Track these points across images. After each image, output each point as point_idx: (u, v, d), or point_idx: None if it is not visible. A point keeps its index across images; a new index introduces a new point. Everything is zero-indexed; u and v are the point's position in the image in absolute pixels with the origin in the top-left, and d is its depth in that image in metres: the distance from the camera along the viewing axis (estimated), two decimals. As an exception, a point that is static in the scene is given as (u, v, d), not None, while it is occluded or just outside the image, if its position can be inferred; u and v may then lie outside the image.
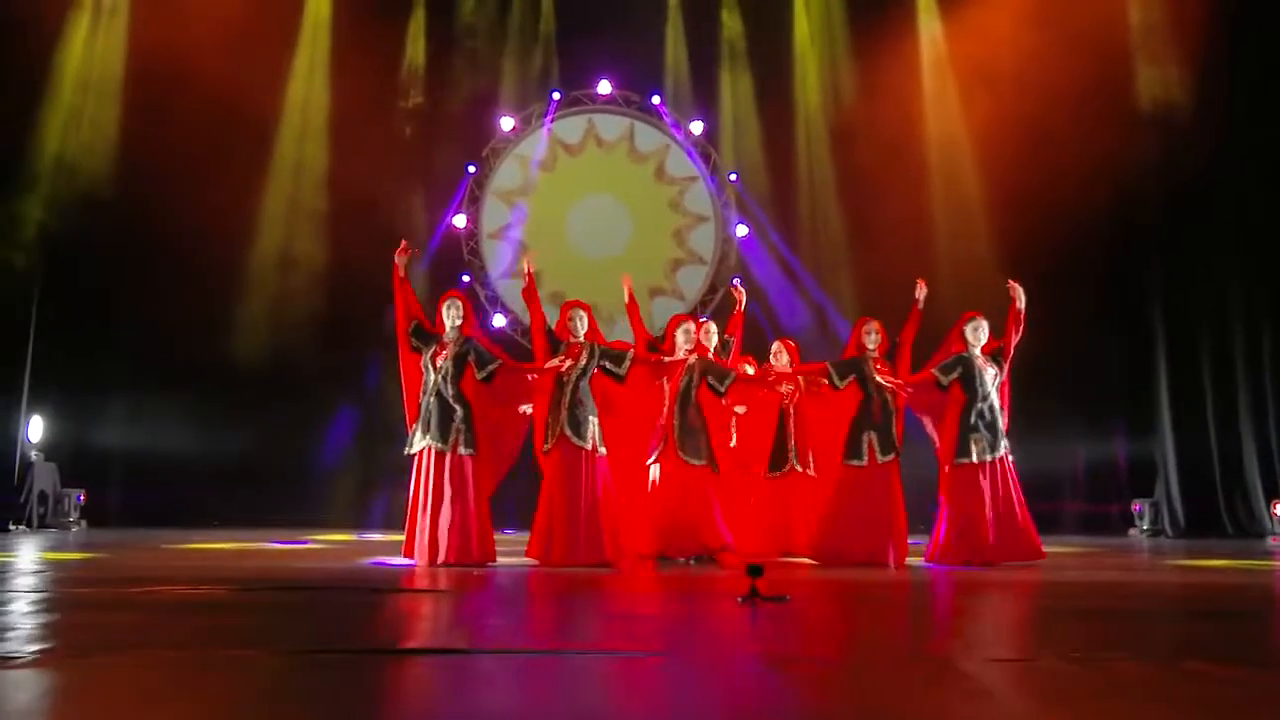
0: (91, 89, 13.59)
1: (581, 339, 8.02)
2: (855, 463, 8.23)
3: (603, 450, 7.86)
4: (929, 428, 8.34)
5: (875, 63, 15.62)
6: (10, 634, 3.54)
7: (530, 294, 8.31)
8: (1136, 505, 13.64)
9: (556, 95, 16.22)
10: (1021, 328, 8.19)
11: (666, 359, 8.38)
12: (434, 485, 7.48)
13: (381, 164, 15.11)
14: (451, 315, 7.76)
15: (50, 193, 13.05)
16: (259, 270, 14.58)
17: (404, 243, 7.99)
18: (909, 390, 8.23)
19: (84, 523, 13.04)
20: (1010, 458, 8.10)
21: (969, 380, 8.15)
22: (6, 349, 12.73)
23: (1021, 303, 8.16)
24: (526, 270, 8.31)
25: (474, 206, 16.22)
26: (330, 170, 14.97)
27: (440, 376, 7.59)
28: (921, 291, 8.53)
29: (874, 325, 8.58)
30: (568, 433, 7.74)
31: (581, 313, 8.10)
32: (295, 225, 14.70)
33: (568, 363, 7.83)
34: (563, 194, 16.42)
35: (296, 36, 15.40)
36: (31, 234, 12.90)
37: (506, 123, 16.18)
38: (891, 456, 8.19)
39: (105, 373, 13.96)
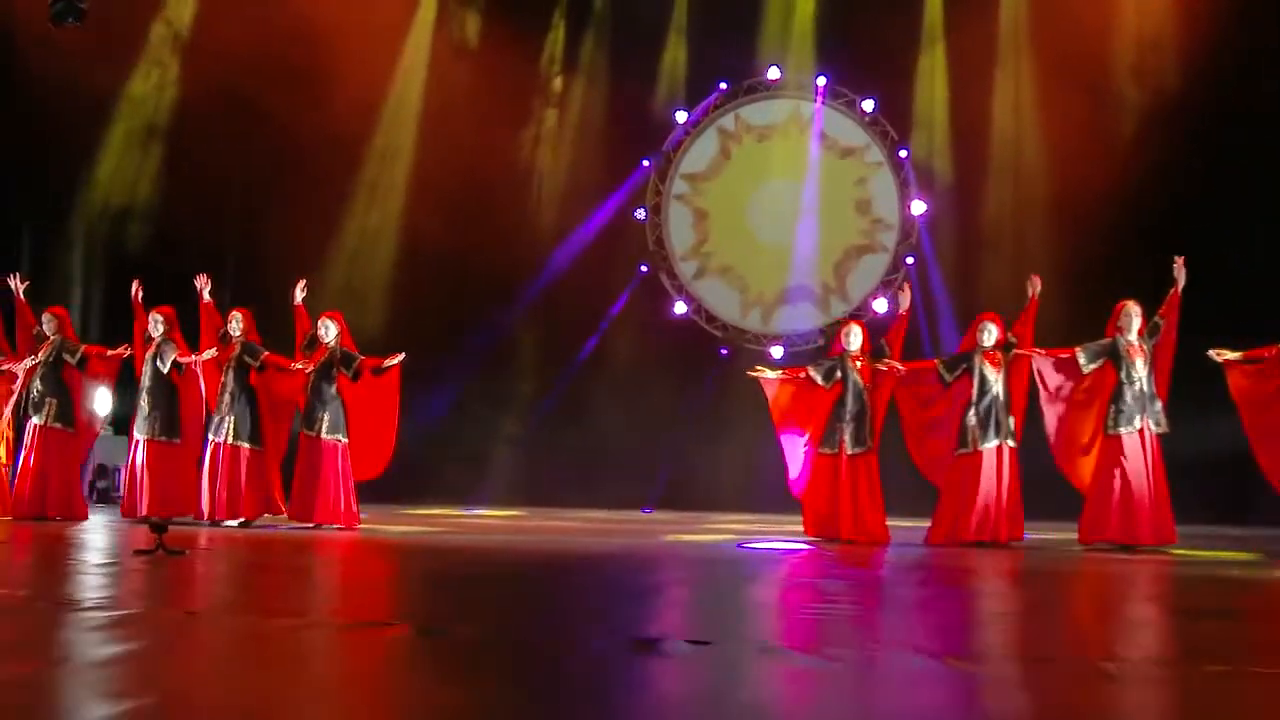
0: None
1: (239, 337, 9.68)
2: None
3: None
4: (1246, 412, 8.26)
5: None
6: None
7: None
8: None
9: (723, 85, 16.48)
10: None
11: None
12: None
13: (536, 158, 15.89)
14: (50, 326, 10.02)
15: None
16: (399, 260, 15.56)
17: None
18: (1248, 369, 8.20)
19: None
20: None
21: None
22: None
23: None
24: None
25: (657, 198, 16.70)
26: (477, 162, 14.96)
27: None
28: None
29: (990, 321, 8.78)
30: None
31: (239, 314, 9.71)
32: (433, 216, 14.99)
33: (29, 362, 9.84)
34: (744, 180, 16.63)
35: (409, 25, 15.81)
36: None
37: (681, 116, 16.57)
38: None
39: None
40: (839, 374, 9.03)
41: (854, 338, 9.13)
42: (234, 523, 9.48)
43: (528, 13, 16.22)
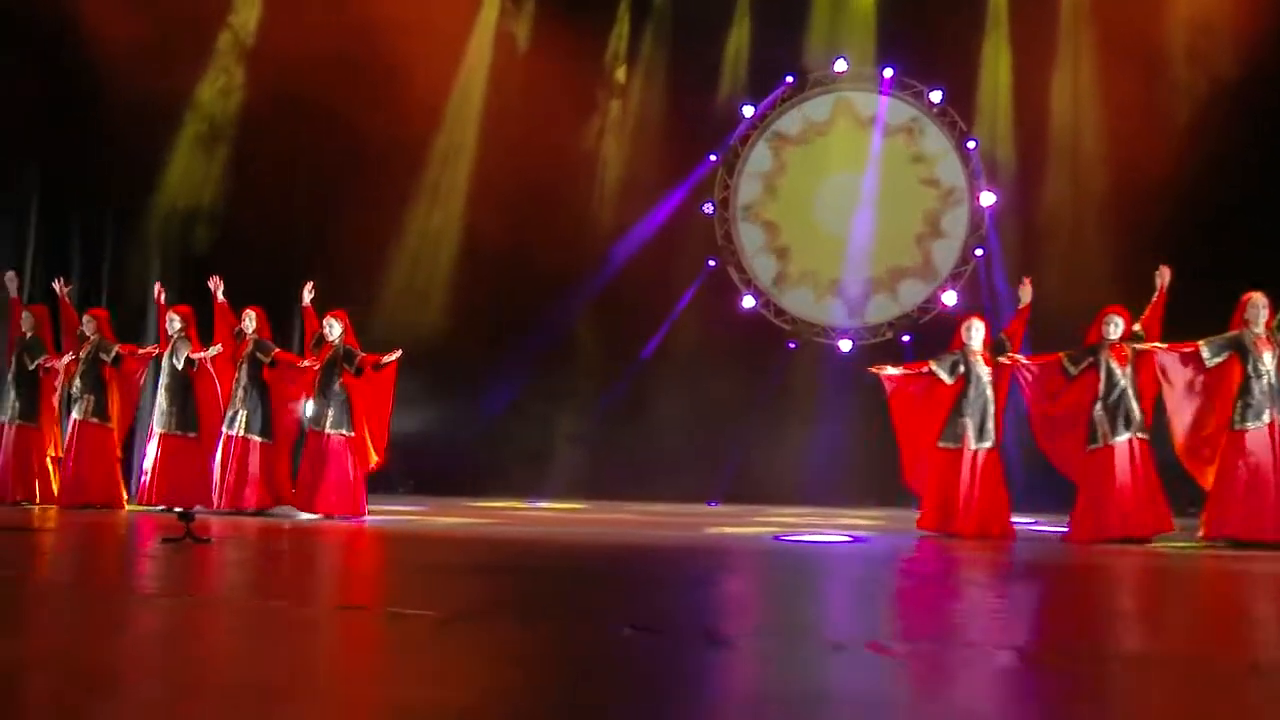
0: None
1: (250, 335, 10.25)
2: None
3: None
4: None
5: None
6: None
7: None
8: None
9: (790, 79, 16.43)
10: None
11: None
12: None
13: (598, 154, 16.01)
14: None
15: None
16: (461, 258, 15.67)
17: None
18: None
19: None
20: None
21: None
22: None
23: None
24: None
25: (725, 193, 16.70)
26: (539, 160, 14.85)
27: None
28: None
29: (1115, 314, 8.71)
30: None
31: (252, 313, 10.28)
32: (494, 214, 15.01)
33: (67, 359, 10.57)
34: (812, 172, 16.57)
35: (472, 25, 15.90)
36: None
37: (748, 110, 16.55)
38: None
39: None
40: (962, 368, 9.10)
41: (976, 332, 9.18)
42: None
43: (589, 9, 16.26)
